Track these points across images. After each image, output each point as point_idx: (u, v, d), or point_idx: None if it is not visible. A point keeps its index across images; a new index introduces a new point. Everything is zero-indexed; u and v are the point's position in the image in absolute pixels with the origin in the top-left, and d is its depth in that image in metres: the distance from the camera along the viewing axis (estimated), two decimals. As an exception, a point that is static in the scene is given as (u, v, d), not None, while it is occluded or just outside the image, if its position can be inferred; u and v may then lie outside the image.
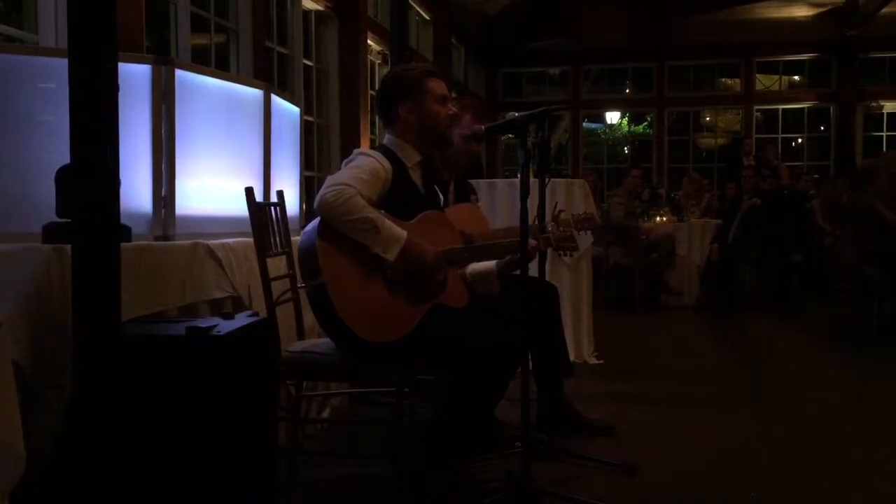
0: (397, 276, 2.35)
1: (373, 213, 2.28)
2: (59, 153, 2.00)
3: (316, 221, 2.33)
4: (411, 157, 2.58)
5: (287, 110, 3.42)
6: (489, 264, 2.80)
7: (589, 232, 3.20)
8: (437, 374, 2.57)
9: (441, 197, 2.85)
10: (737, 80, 13.78)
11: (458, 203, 3.18)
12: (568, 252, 2.88)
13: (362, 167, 2.39)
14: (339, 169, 2.48)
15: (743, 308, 7.44)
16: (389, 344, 2.31)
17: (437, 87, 2.58)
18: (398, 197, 2.46)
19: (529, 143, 2.39)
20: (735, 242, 7.72)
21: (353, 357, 2.40)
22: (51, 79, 2.38)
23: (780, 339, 6.02)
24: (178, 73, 2.62)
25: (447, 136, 2.65)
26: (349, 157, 2.49)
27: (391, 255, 2.29)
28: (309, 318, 2.74)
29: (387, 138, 2.63)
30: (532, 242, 2.64)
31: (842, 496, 2.62)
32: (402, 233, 2.32)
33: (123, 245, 1.98)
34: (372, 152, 2.50)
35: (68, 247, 1.91)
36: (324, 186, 2.31)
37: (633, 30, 12.65)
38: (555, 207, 3.15)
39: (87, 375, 1.81)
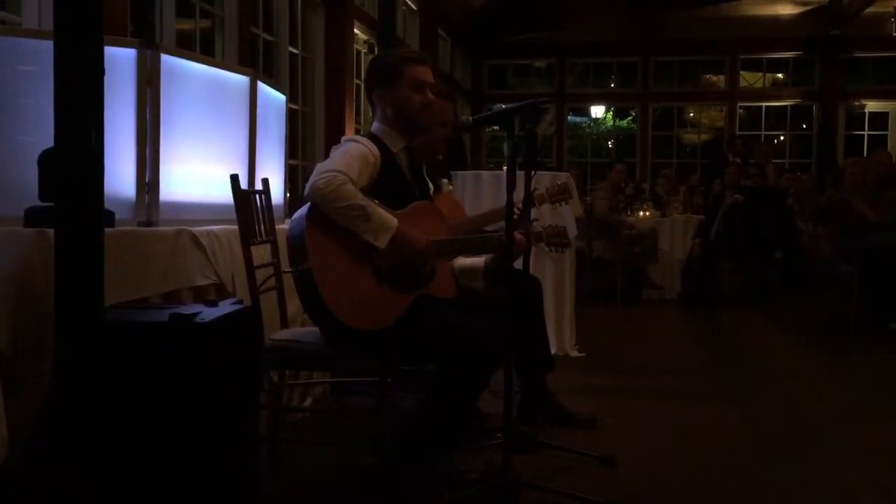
0: (386, 265, 2.34)
1: (363, 201, 2.28)
2: (41, 136, 1.98)
3: (306, 207, 2.32)
4: (396, 143, 2.57)
5: (273, 97, 3.39)
6: (477, 260, 2.79)
7: (574, 226, 3.20)
8: (420, 364, 2.57)
9: (431, 185, 2.84)
10: (721, 77, 13.86)
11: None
12: (560, 248, 2.86)
13: (351, 153, 2.39)
14: (325, 157, 2.47)
15: (723, 303, 7.50)
16: (374, 332, 2.31)
17: (416, 72, 2.53)
18: (387, 183, 2.45)
19: (516, 135, 2.38)
20: (717, 238, 7.77)
21: (337, 344, 2.40)
22: (33, 61, 2.35)
23: (759, 335, 6.07)
24: (164, 57, 2.59)
25: (419, 123, 2.57)
26: (338, 144, 2.49)
27: (381, 243, 2.29)
28: (292, 306, 2.73)
29: (374, 125, 2.63)
30: (521, 240, 2.62)
31: (819, 489, 2.65)
32: (393, 220, 2.32)
33: (107, 230, 1.96)
34: (360, 138, 2.50)
35: (51, 231, 1.89)
36: (314, 173, 2.30)
37: (619, 24, 12.69)
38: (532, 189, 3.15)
39: (68, 361, 1.79)
